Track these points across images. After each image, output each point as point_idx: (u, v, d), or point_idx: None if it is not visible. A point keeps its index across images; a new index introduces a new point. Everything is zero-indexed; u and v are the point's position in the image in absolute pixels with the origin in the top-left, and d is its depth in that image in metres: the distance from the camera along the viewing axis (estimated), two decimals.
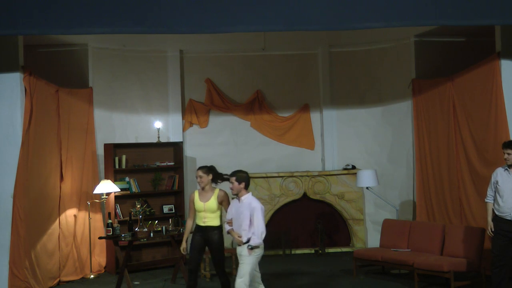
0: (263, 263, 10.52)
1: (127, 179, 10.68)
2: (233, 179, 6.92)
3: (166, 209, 11.02)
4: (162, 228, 9.32)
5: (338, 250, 11.48)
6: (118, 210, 10.43)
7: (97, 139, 10.61)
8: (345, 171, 11.59)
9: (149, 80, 11.51)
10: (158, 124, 11.09)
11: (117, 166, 10.52)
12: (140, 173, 10.89)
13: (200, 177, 7.38)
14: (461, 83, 9.41)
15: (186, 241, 7.56)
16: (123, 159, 10.63)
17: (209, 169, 7.46)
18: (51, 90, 9.35)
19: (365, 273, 9.41)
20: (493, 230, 7.36)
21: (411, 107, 10.82)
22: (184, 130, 11.71)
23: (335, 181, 11.56)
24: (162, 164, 11.05)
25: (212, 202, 7.33)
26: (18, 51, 8.52)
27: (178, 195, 11.14)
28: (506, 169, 7.31)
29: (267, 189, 11.47)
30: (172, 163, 11.14)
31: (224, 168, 11.65)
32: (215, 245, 7.39)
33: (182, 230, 9.38)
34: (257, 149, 11.93)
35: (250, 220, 6.79)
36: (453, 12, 7.84)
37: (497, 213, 7.35)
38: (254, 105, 11.90)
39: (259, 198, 11.26)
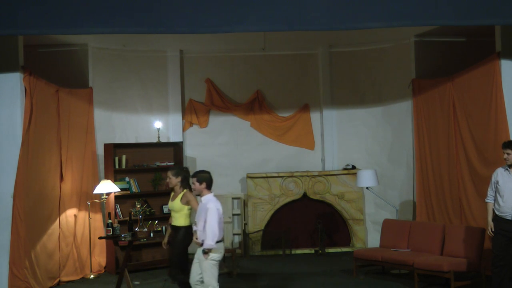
0: (264, 262, 10.59)
1: (127, 179, 10.68)
2: (194, 179, 6.83)
3: (166, 209, 11.00)
4: (162, 228, 9.32)
5: (338, 250, 11.48)
6: (118, 210, 10.42)
7: (97, 139, 10.60)
8: (345, 171, 11.58)
9: (149, 80, 11.52)
10: (158, 124, 11.10)
11: (117, 166, 10.52)
12: (140, 173, 10.88)
13: (169, 178, 7.58)
14: (461, 83, 9.40)
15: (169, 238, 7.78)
16: (123, 159, 10.63)
17: (179, 172, 7.59)
18: (51, 90, 9.35)
19: (365, 273, 9.40)
20: (493, 230, 7.36)
21: (411, 107, 10.82)
22: (184, 130, 11.72)
23: (335, 181, 11.56)
24: (162, 164, 11.04)
25: (176, 202, 7.47)
26: (18, 51, 8.51)
27: None
28: (507, 169, 7.31)
29: (267, 189, 11.47)
30: (172, 163, 11.12)
31: (224, 168, 11.79)
32: (175, 244, 7.47)
33: None
34: (257, 149, 11.94)
35: (205, 221, 6.61)
36: (453, 12, 7.83)
37: (497, 213, 7.35)
38: (254, 105, 11.90)
39: (259, 198, 11.40)
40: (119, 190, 10.27)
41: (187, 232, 7.40)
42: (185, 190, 7.48)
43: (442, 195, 9.90)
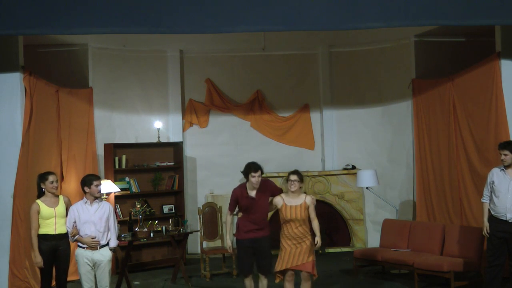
0: None
1: (127, 179, 10.68)
2: (99, 181, 6.90)
3: (166, 209, 11.02)
4: (162, 228, 9.32)
5: (338, 250, 11.48)
6: (118, 210, 10.43)
7: (97, 139, 10.61)
8: (345, 171, 11.58)
9: (149, 80, 11.52)
10: (158, 124, 11.10)
11: (117, 166, 10.52)
12: (140, 173, 10.89)
13: (57, 181, 7.18)
14: (461, 83, 9.40)
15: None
16: (123, 159, 10.64)
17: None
18: (51, 90, 9.35)
19: (365, 273, 9.40)
20: (488, 231, 7.36)
21: (411, 107, 10.82)
22: (184, 130, 11.71)
23: (335, 181, 11.56)
24: (162, 164, 11.05)
25: (62, 207, 7.14)
26: (18, 51, 8.50)
27: (178, 195, 11.14)
28: (502, 169, 7.30)
29: None
30: (172, 163, 11.14)
31: (224, 168, 11.79)
32: (65, 253, 7.12)
33: (183, 230, 9.39)
34: (257, 149, 11.92)
35: (108, 222, 6.89)
36: (453, 12, 7.84)
37: (492, 213, 7.34)
38: (254, 105, 11.90)
39: None
40: (119, 190, 10.27)
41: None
42: (61, 196, 7.24)
43: (442, 195, 9.90)
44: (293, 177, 7.12)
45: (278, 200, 7.17)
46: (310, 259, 7.06)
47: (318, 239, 7.14)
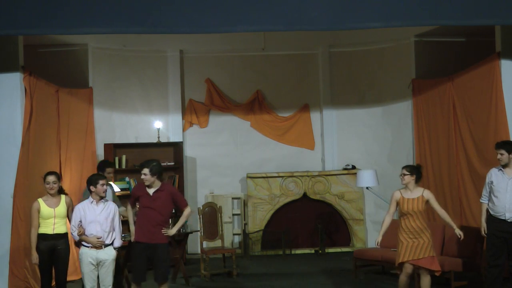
0: (264, 262, 10.59)
1: (127, 179, 10.69)
2: (105, 180, 6.95)
3: None
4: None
5: (338, 250, 11.48)
6: None
7: (97, 139, 10.61)
8: (345, 171, 11.59)
9: (149, 80, 11.52)
10: (158, 124, 11.10)
11: (117, 166, 10.52)
12: (140, 173, 10.85)
13: (54, 182, 7.13)
14: (461, 83, 9.40)
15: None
16: (123, 159, 10.65)
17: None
18: (51, 90, 9.34)
19: (365, 273, 9.40)
20: (486, 232, 7.36)
21: (411, 107, 10.82)
22: (184, 130, 11.72)
23: (335, 181, 11.56)
24: (162, 164, 10.98)
25: (63, 206, 7.12)
26: (18, 51, 8.49)
27: None
28: (501, 169, 7.31)
29: (267, 189, 11.47)
30: (172, 163, 11.14)
31: (224, 168, 11.79)
32: (64, 254, 7.13)
33: (183, 230, 9.38)
34: (257, 149, 11.94)
35: (113, 221, 6.91)
36: (453, 12, 7.83)
37: (491, 212, 7.34)
38: (254, 105, 11.90)
39: (259, 199, 11.41)
40: (119, 190, 10.28)
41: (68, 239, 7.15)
42: (63, 195, 7.21)
43: (442, 195, 9.89)
44: (403, 171, 7.23)
45: (396, 194, 7.27)
46: (427, 254, 7.10)
47: (456, 229, 7.19)
